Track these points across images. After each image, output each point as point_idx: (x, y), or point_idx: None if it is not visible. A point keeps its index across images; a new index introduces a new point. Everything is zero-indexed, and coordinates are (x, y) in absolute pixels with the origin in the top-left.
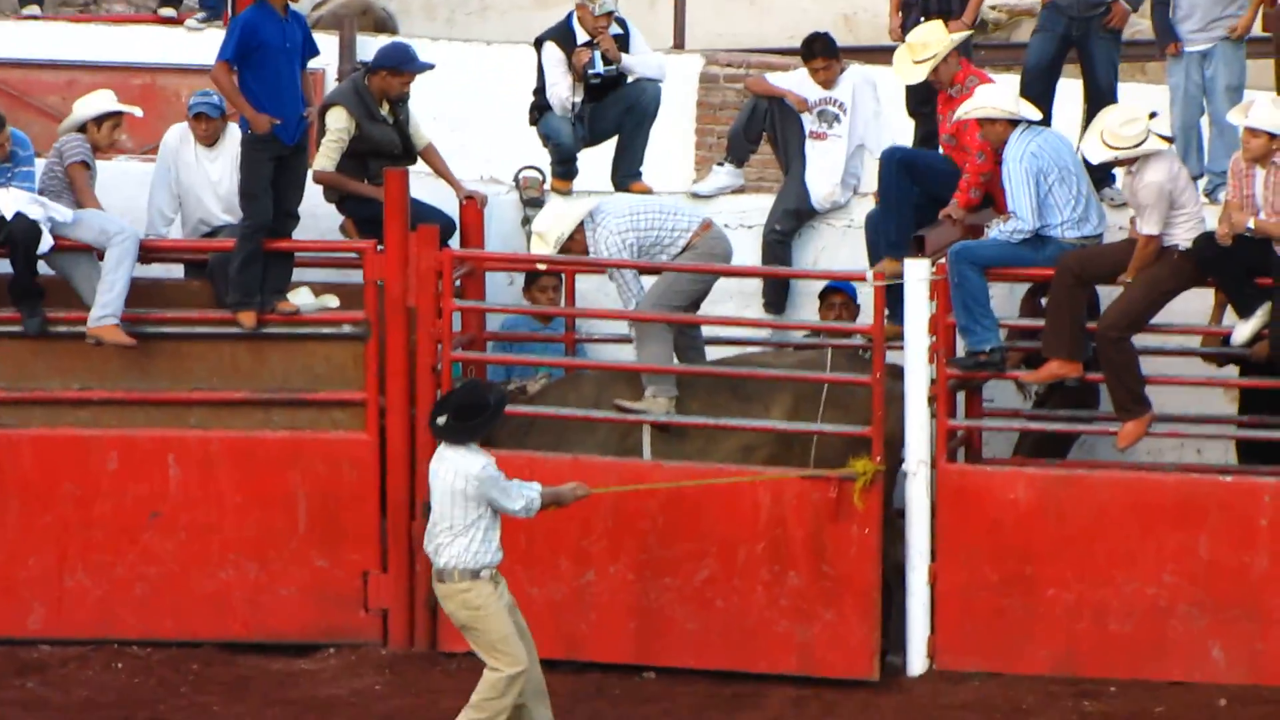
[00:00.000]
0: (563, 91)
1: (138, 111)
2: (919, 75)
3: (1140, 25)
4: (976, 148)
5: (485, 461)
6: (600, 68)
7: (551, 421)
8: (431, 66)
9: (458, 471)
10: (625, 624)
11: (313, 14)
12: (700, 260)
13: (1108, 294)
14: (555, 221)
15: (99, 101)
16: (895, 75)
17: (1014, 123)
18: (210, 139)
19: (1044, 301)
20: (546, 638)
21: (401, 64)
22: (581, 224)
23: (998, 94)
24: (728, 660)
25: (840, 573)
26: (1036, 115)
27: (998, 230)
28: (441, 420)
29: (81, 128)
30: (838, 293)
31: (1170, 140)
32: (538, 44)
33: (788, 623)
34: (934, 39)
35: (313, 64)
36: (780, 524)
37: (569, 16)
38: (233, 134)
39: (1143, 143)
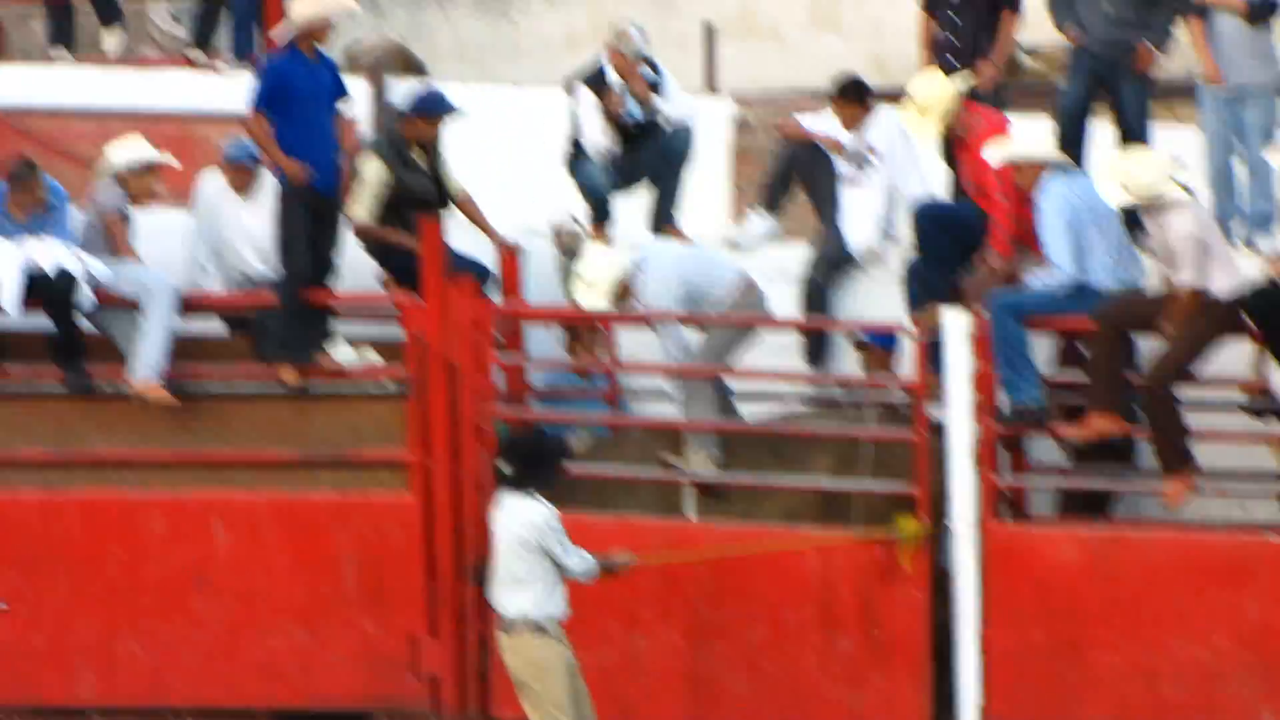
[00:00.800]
0: (596, 136)
1: (176, 163)
2: (932, 131)
3: (1170, 67)
4: (996, 190)
5: (548, 513)
6: (633, 110)
7: (593, 480)
8: (463, 111)
9: (519, 519)
10: (676, 689)
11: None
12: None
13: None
14: (607, 268)
15: (135, 151)
16: (908, 129)
17: (1047, 166)
18: (245, 188)
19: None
20: (598, 703)
21: (432, 109)
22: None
23: (1032, 137)
24: None
25: (890, 636)
26: (1069, 161)
27: (1037, 280)
28: (507, 468)
29: (118, 176)
30: (866, 346)
31: (1190, 191)
32: (570, 88)
33: (838, 687)
34: (934, 95)
35: (345, 108)
36: (829, 587)
37: (600, 59)
38: (267, 182)
39: (1161, 191)
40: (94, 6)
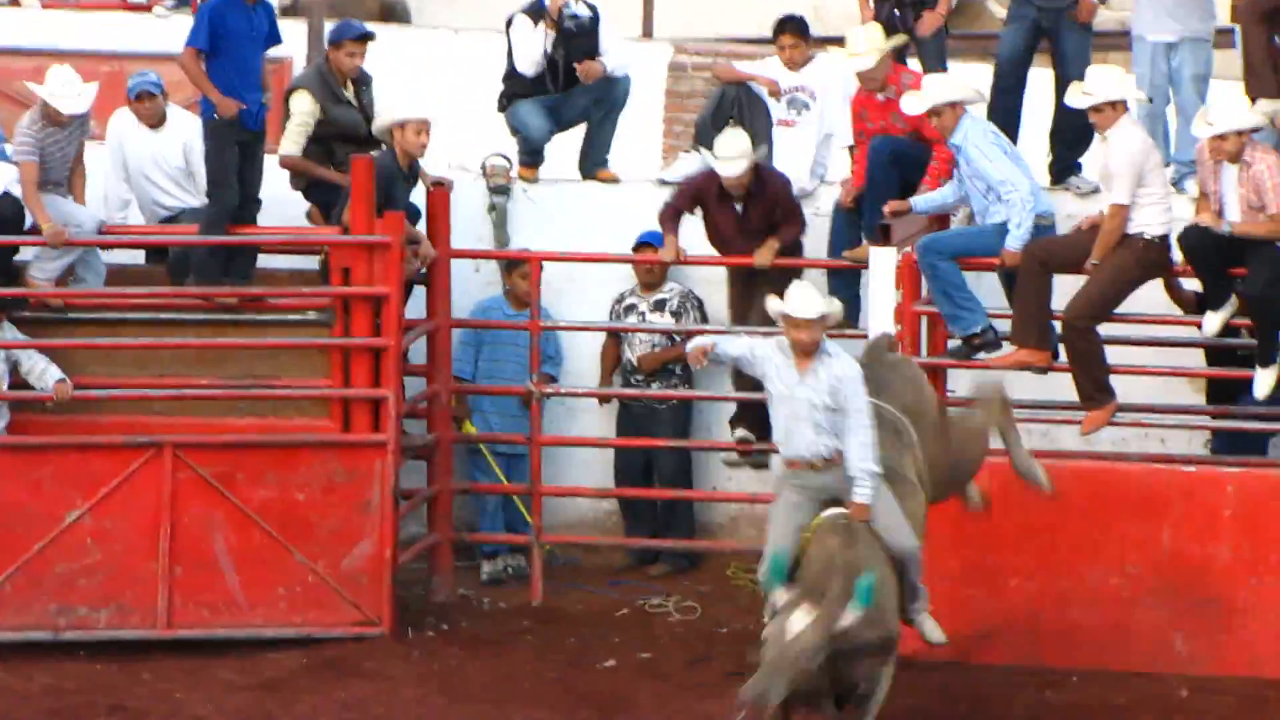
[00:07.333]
0: (534, 49)
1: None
2: (849, 69)
3: (1104, 15)
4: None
5: None
6: (575, 10)
7: None
8: (371, 35)
9: None
10: None
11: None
12: None
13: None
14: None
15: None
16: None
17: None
18: (153, 119)
19: None
20: None
21: (343, 33)
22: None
23: (942, 82)
24: None
25: None
26: (976, 97)
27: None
28: None
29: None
30: (650, 246)
31: (1151, 100)
32: (508, 23)
33: None
34: (866, 39)
35: (281, 52)
36: None
37: None
38: (175, 115)
39: (1124, 97)
40: None
